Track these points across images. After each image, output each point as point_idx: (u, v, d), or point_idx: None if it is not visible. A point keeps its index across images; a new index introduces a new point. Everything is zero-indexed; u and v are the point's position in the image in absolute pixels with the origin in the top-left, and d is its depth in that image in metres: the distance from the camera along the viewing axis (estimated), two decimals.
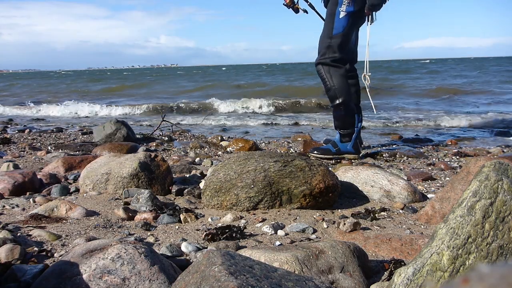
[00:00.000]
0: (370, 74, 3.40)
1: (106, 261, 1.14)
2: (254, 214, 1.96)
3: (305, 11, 3.63)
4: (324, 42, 3.32)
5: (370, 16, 3.25)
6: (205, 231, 1.70)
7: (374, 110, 3.54)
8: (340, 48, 3.28)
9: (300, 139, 4.66)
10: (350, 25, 3.27)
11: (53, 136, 5.06)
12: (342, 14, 3.23)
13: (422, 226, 1.86)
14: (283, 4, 3.66)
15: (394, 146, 4.24)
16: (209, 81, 20.16)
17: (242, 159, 2.09)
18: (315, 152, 3.50)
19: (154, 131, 5.11)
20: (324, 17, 3.41)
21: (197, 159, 3.43)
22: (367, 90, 3.45)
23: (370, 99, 3.45)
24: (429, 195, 2.35)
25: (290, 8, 3.66)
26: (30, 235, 1.62)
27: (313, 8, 3.60)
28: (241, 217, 1.91)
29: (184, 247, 1.54)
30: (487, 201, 1.04)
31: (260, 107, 8.98)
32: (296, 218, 1.92)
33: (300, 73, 24.81)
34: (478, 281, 0.29)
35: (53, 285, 1.10)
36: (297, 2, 3.65)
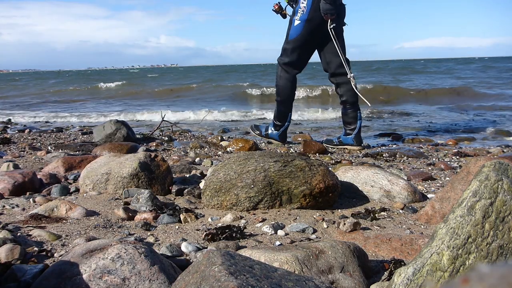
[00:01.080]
0: (353, 74, 3.70)
1: (106, 261, 1.14)
2: (254, 214, 1.96)
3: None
4: (283, 45, 3.85)
5: (331, 21, 3.54)
6: (205, 231, 1.70)
7: (368, 104, 3.72)
8: (292, 52, 3.77)
9: (300, 139, 4.66)
10: (306, 31, 3.64)
11: (53, 136, 5.06)
12: (296, 23, 3.66)
13: (422, 226, 1.86)
14: (272, 9, 3.94)
15: (394, 146, 4.24)
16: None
17: (242, 159, 2.09)
18: (254, 131, 4.33)
19: (154, 131, 5.11)
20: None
21: (197, 159, 3.43)
22: (356, 89, 3.71)
23: (360, 95, 3.71)
24: (429, 195, 2.35)
25: (279, 14, 3.86)
26: (30, 235, 1.62)
27: None
28: (241, 217, 1.91)
29: (184, 247, 1.54)
30: (487, 201, 1.04)
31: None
32: (296, 218, 1.92)
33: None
34: (478, 281, 0.29)
35: (53, 285, 1.10)
36: (285, 8, 3.92)
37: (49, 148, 4.06)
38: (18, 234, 1.63)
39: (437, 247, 1.03)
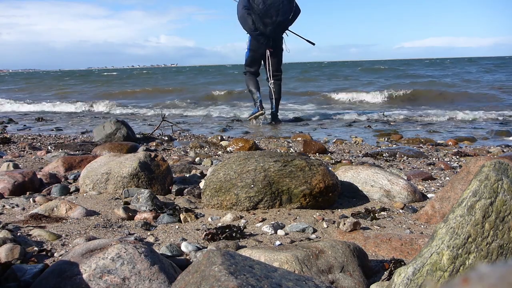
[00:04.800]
0: (272, 81, 6.04)
1: (106, 261, 1.14)
2: (254, 213, 1.96)
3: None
4: (244, 63, 6.27)
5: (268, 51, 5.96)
6: (205, 231, 1.71)
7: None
8: (246, 65, 6.21)
9: (300, 138, 4.66)
10: (251, 53, 6.05)
11: (53, 135, 5.06)
12: (246, 51, 6.11)
13: (422, 226, 1.86)
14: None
15: (394, 146, 4.24)
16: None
17: (242, 158, 2.09)
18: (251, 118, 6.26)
19: (154, 130, 5.11)
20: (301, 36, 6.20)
21: (197, 159, 3.43)
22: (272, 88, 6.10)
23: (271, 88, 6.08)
24: (429, 195, 2.35)
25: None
26: (30, 234, 1.62)
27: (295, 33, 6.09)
28: (241, 217, 1.91)
29: (184, 246, 1.54)
30: (487, 200, 1.04)
31: None
32: (296, 218, 1.92)
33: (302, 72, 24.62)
34: (478, 281, 0.29)
35: (53, 285, 1.10)
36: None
37: (49, 147, 4.06)
38: (18, 234, 1.63)
39: (437, 246, 1.03)
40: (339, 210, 2.08)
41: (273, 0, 5.49)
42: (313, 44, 6.19)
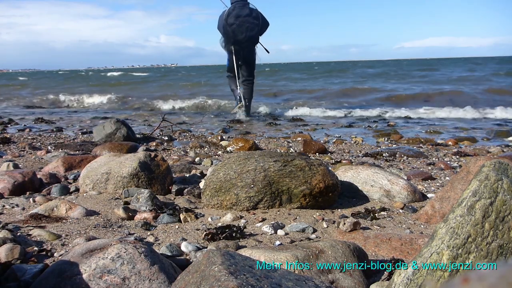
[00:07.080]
0: (240, 80, 7.01)
1: (106, 261, 1.14)
2: (254, 213, 1.96)
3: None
4: (227, 70, 7.21)
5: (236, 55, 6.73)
6: (205, 231, 1.71)
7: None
8: (227, 70, 7.06)
9: (300, 138, 4.66)
10: (229, 59, 6.92)
11: (53, 135, 5.06)
12: (227, 59, 6.93)
13: (422, 226, 1.86)
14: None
15: (394, 146, 4.24)
16: None
17: (242, 158, 2.09)
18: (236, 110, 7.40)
19: (154, 130, 5.11)
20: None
21: (197, 159, 3.43)
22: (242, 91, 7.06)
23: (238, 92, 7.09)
24: (429, 195, 2.35)
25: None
26: (30, 234, 1.62)
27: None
28: (241, 217, 1.91)
29: (184, 246, 1.54)
30: (487, 200, 1.04)
31: None
32: (296, 218, 1.92)
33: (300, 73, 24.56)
34: (478, 281, 0.29)
35: (53, 285, 1.10)
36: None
37: (49, 147, 4.06)
38: (18, 233, 1.63)
39: (437, 246, 1.03)
40: (339, 210, 2.08)
41: (242, 19, 6.41)
42: (268, 52, 7.07)
